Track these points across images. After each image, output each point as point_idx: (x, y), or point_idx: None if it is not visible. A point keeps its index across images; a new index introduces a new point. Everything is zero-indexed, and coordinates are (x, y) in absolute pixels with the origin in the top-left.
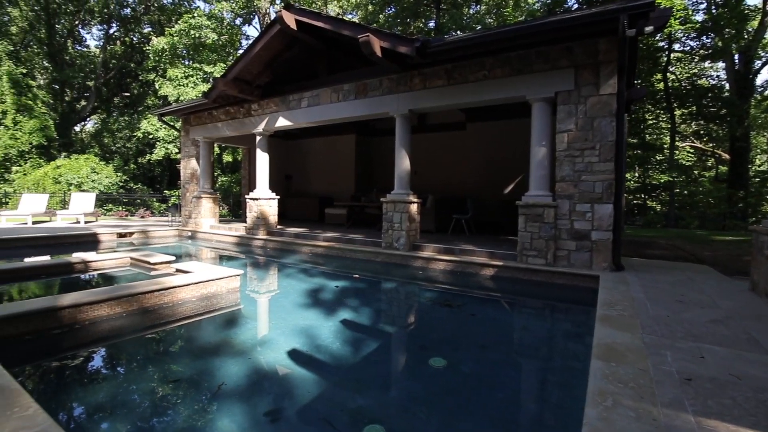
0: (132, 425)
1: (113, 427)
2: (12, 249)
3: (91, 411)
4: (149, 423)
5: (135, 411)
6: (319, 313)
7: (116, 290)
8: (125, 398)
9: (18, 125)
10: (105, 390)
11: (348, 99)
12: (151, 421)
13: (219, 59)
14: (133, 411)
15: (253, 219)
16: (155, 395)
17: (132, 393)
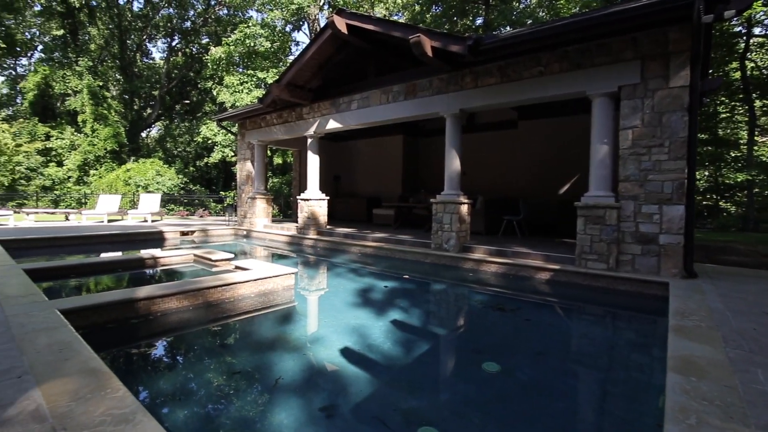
0: (199, 412)
1: (183, 413)
2: (93, 245)
3: (163, 396)
4: (214, 411)
5: (202, 399)
6: (370, 312)
7: (184, 285)
8: (193, 386)
9: (95, 133)
10: (175, 377)
11: (397, 100)
12: (216, 409)
13: (271, 65)
14: (200, 398)
15: (304, 219)
16: (220, 385)
17: (199, 381)
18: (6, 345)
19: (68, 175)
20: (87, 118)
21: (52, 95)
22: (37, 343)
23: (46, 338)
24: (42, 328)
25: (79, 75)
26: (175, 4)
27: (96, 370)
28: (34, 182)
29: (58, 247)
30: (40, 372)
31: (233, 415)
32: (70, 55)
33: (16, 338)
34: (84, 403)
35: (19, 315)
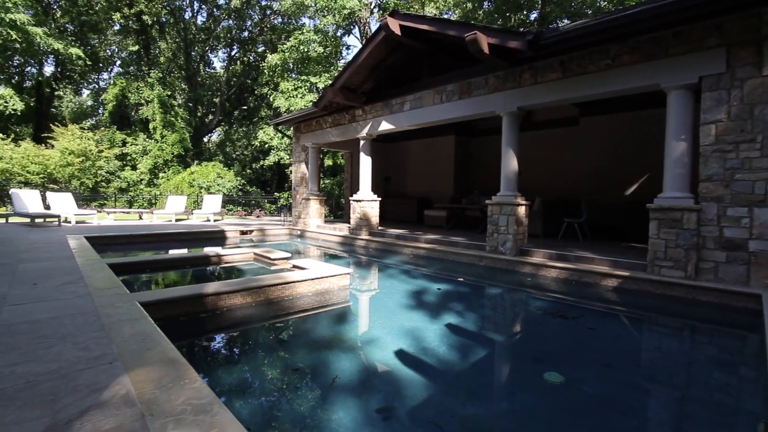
0: (261, 407)
1: (247, 406)
2: (164, 242)
3: (229, 388)
4: (275, 406)
5: (264, 394)
6: (424, 315)
7: (247, 282)
8: (256, 380)
9: (164, 139)
10: (239, 371)
11: (451, 100)
12: (277, 405)
13: (323, 70)
14: (263, 394)
15: (356, 220)
16: (280, 381)
17: (261, 376)
18: (98, 333)
19: (141, 177)
20: (157, 125)
21: (127, 105)
22: (122, 333)
23: (130, 328)
24: (126, 318)
25: (151, 86)
26: (234, 15)
27: (174, 360)
28: (113, 184)
29: (134, 243)
30: (127, 360)
31: (293, 412)
32: (143, 68)
33: (105, 327)
34: (166, 391)
35: (106, 306)
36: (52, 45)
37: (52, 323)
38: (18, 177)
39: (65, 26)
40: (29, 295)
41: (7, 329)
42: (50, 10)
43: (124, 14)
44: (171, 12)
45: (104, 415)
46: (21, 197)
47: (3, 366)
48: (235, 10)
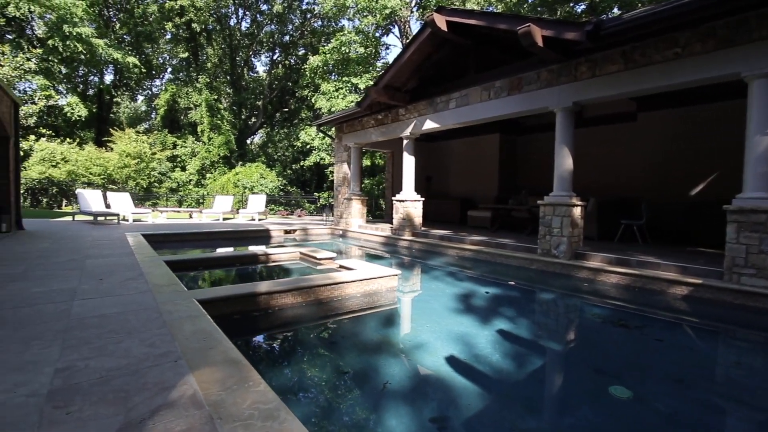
0: (313, 411)
1: (298, 410)
2: (213, 240)
3: (280, 390)
4: (327, 412)
5: (316, 398)
6: (473, 319)
7: (297, 282)
8: (308, 383)
9: (210, 141)
10: (292, 372)
11: (500, 96)
12: (328, 410)
13: (363, 71)
14: (315, 398)
15: (398, 220)
16: (331, 384)
17: (313, 379)
18: (161, 330)
19: (189, 178)
20: (204, 128)
21: (177, 110)
22: (184, 330)
23: (191, 326)
24: (186, 316)
25: (199, 91)
26: (276, 20)
27: (236, 361)
28: (164, 185)
29: (186, 241)
30: (190, 358)
31: (345, 418)
32: (192, 74)
33: (167, 324)
34: (232, 393)
35: (166, 303)
36: (112, 55)
37: (118, 318)
38: (82, 178)
39: (123, 37)
40: (97, 290)
41: (79, 323)
42: (110, 23)
43: (175, 23)
44: (218, 19)
45: (174, 416)
46: (85, 197)
47: (78, 360)
48: (277, 15)
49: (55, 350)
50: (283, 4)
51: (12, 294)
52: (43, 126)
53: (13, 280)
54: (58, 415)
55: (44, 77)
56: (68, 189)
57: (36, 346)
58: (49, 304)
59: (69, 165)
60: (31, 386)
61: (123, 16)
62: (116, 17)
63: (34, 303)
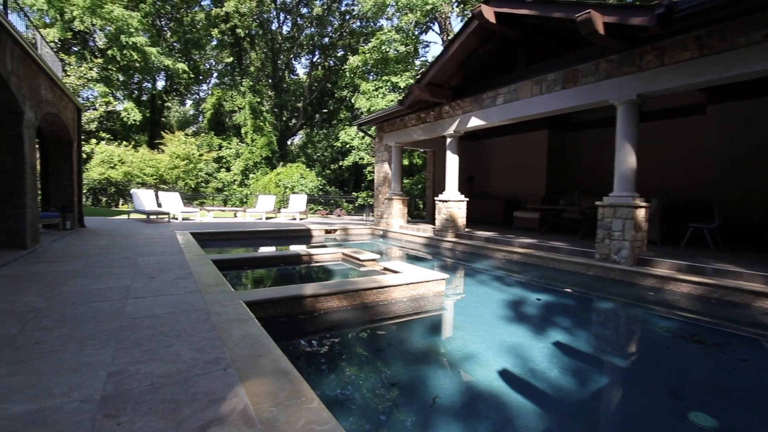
0: (362, 426)
1: (345, 424)
2: (257, 239)
3: (327, 399)
4: (376, 426)
5: (362, 409)
6: (526, 329)
7: (343, 285)
8: (354, 394)
9: (254, 142)
10: (338, 382)
11: (553, 90)
12: (378, 425)
13: (402, 69)
14: (362, 410)
15: (441, 221)
16: (379, 396)
17: (359, 390)
18: (210, 333)
19: (234, 178)
20: (248, 130)
21: (222, 113)
22: (232, 334)
23: (239, 330)
24: (234, 318)
25: (243, 94)
26: (316, 23)
27: (287, 372)
28: (211, 185)
29: (232, 240)
30: (240, 366)
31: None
32: (236, 78)
33: (216, 327)
34: (284, 410)
35: (214, 304)
36: (163, 62)
37: (169, 319)
38: (137, 178)
39: (173, 45)
40: (148, 289)
41: (132, 323)
42: (162, 31)
43: (221, 30)
44: (260, 24)
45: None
46: (139, 196)
47: (130, 363)
48: (317, 18)
49: (109, 351)
50: (322, 7)
51: (73, 290)
52: (102, 130)
53: (75, 277)
54: (109, 426)
55: (104, 85)
56: (124, 189)
57: (91, 346)
58: (105, 302)
59: (125, 166)
60: (84, 390)
61: (173, 25)
62: (167, 26)
63: (91, 300)
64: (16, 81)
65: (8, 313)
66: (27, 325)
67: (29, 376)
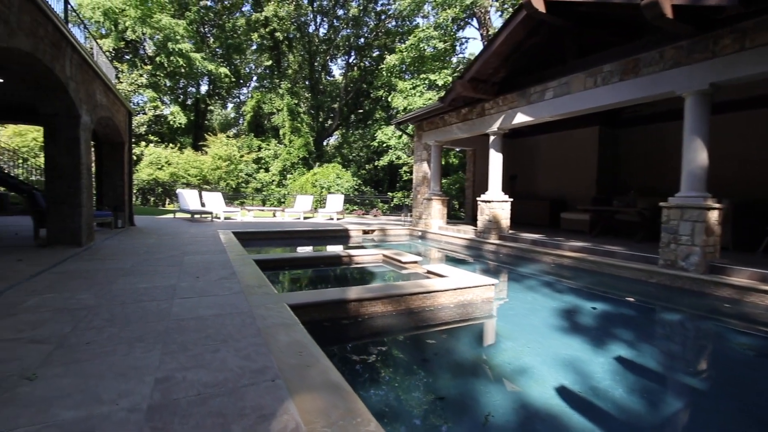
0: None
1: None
2: (296, 238)
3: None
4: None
5: (409, 424)
6: (583, 341)
7: (388, 289)
8: (402, 407)
9: (291, 143)
10: (385, 394)
11: (609, 82)
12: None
13: (441, 67)
14: (408, 424)
15: (484, 222)
16: (428, 411)
17: (407, 402)
18: (255, 339)
19: (272, 179)
20: (286, 131)
21: (262, 115)
22: (278, 340)
23: (285, 336)
24: (279, 323)
25: (281, 96)
26: (352, 24)
27: (338, 386)
28: (250, 185)
29: (272, 239)
30: (288, 377)
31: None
32: (275, 80)
33: (261, 332)
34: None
35: (259, 307)
36: (206, 67)
37: (214, 322)
38: (182, 179)
39: (216, 50)
40: (194, 288)
41: (178, 325)
42: (205, 38)
43: (260, 34)
44: (298, 27)
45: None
46: (184, 196)
47: (177, 369)
48: (353, 19)
49: (156, 355)
50: (358, 7)
51: (122, 289)
52: (151, 133)
53: (124, 275)
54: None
55: (153, 90)
56: (170, 189)
57: (139, 349)
58: (152, 302)
59: (171, 167)
60: (132, 398)
61: (216, 31)
62: (210, 33)
63: (139, 300)
64: (74, 86)
65: (64, 311)
66: (79, 323)
67: (79, 378)
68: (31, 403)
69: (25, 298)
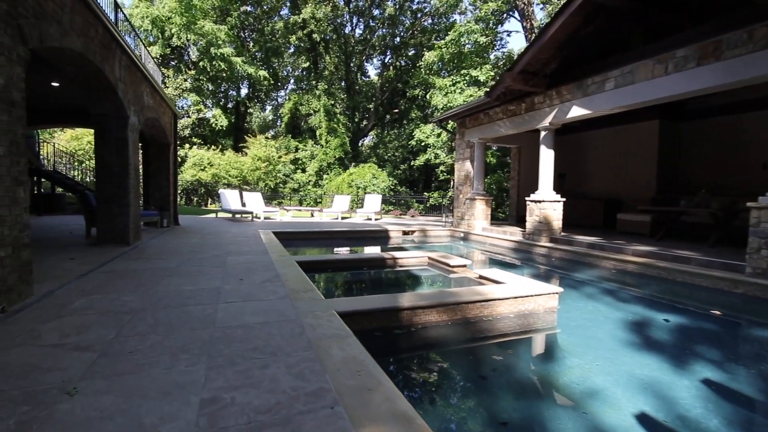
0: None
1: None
2: (335, 239)
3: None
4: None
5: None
6: (660, 359)
7: (443, 297)
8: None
9: (327, 144)
10: (442, 411)
11: (683, 68)
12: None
13: (481, 62)
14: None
15: (533, 223)
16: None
17: (463, 424)
18: (307, 353)
19: (309, 179)
20: (322, 132)
21: (299, 116)
22: (332, 355)
23: (339, 350)
24: (330, 334)
25: (318, 98)
26: (387, 23)
27: (409, 419)
28: (288, 185)
29: (311, 240)
30: (349, 404)
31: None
32: (312, 82)
33: (312, 344)
34: None
35: (307, 314)
36: (246, 70)
37: (261, 331)
38: (223, 179)
39: (255, 54)
40: (238, 292)
41: (223, 333)
42: (245, 42)
43: (298, 36)
44: (334, 29)
45: None
46: (226, 196)
47: (223, 389)
48: (389, 18)
49: (201, 369)
50: (394, 6)
51: (167, 291)
52: (195, 136)
53: (169, 275)
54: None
55: (196, 94)
56: (213, 189)
57: (183, 361)
58: (196, 306)
59: (213, 168)
60: (176, 424)
61: (255, 35)
62: (250, 37)
63: (183, 303)
64: (123, 87)
65: (108, 314)
66: (123, 328)
67: (121, 396)
68: (70, 426)
69: (74, 298)
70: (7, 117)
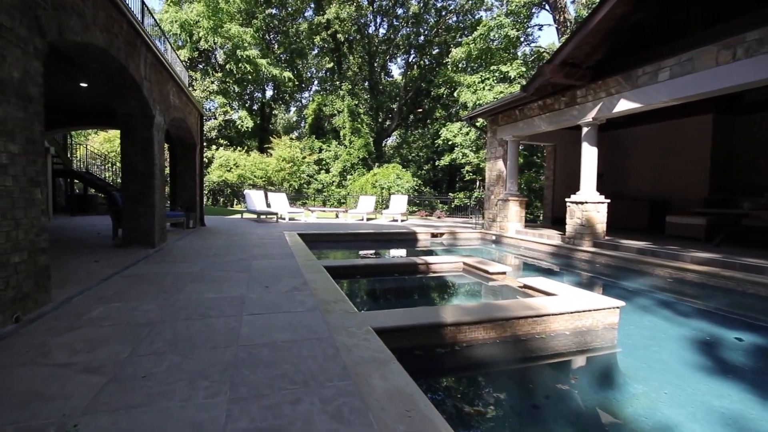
0: None
1: None
2: (361, 241)
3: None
4: None
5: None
6: (740, 388)
7: (490, 311)
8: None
9: (351, 144)
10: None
11: (753, 54)
12: None
13: (510, 57)
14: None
15: (574, 226)
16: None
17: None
18: (344, 383)
19: (332, 180)
20: (346, 132)
21: (323, 117)
22: (374, 387)
23: (381, 380)
24: (369, 357)
25: (342, 98)
26: (412, 22)
27: None
28: (312, 186)
29: (337, 242)
30: None
31: None
32: (335, 82)
33: (349, 371)
34: None
35: (340, 331)
36: (271, 72)
37: (290, 352)
38: (248, 180)
39: (280, 56)
40: (263, 301)
41: (248, 354)
42: (270, 45)
43: (322, 37)
44: (358, 28)
45: None
46: (251, 197)
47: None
48: (413, 17)
49: (222, 403)
50: (418, 5)
51: (189, 299)
52: (221, 137)
53: (193, 281)
54: None
55: (222, 96)
56: (238, 189)
57: (202, 391)
58: (219, 318)
59: (239, 169)
60: None
61: (280, 37)
62: (275, 39)
63: (206, 314)
64: (148, 86)
65: (126, 326)
66: (139, 345)
67: None
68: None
69: (92, 306)
70: (22, 113)
